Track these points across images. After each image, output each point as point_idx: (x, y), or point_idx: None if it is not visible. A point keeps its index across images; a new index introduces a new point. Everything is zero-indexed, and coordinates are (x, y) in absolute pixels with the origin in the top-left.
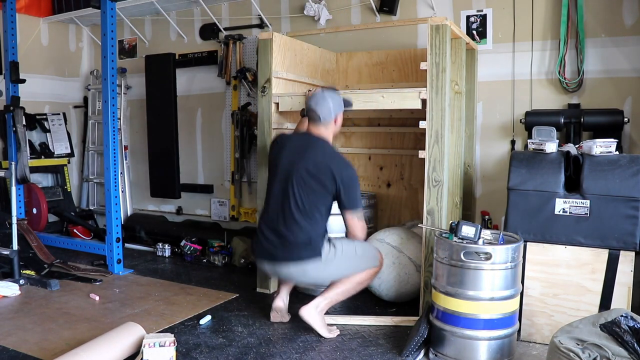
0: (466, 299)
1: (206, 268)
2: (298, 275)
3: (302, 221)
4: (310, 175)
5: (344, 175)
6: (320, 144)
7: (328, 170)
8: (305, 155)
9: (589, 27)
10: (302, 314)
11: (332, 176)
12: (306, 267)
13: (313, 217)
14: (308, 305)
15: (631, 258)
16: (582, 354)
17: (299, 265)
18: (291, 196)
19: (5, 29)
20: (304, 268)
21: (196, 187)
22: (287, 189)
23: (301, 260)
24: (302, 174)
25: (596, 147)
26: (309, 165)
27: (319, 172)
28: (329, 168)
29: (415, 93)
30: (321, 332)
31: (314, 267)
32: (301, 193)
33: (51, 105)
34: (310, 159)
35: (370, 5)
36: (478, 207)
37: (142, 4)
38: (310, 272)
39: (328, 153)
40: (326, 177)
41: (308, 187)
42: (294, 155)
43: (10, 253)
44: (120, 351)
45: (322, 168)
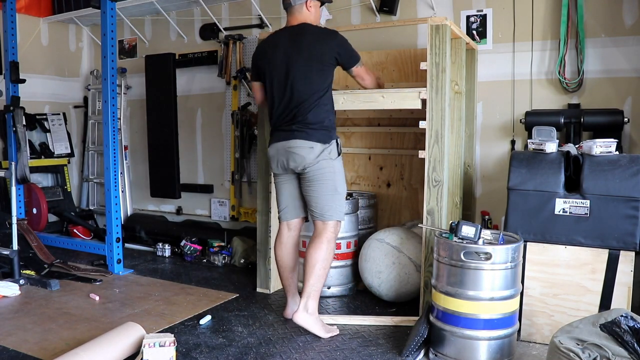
0: (466, 299)
1: (206, 268)
2: (299, 154)
3: (316, 108)
4: (310, 61)
5: (337, 41)
6: (302, 28)
7: (323, 45)
8: (299, 47)
9: (589, 27)
10: (296, 320)
11: (328, 49)
12: (312, 152)
13: (323, 102)
14: (298, 311)
15: (631, 258)
16: (582, 354)
17: (308, 145)
18: (296, 89)
19: (5, 29)
20: (309, 151)
21: (196, 187)
22: (293, 83)
23: (311, 140)
24: (301, 63)
25: (596, 147)
26: (304, 52)
27: (316, 52)
28: (323, 43)
29: (415, 93)
30: (318, 334)
31: (319, 161)
32: (306, 81)
33: (51, 105)
34: (305, 47)
35: (370, 5)
36: (478, 207)
37: (142, 4)
38: (311, 161)
39: (314, 32)
40: (324, 52)
41: (312, 72)
42: (285, 49)
43: (10, 253)
44: (120, 351)
45: (317, 47)
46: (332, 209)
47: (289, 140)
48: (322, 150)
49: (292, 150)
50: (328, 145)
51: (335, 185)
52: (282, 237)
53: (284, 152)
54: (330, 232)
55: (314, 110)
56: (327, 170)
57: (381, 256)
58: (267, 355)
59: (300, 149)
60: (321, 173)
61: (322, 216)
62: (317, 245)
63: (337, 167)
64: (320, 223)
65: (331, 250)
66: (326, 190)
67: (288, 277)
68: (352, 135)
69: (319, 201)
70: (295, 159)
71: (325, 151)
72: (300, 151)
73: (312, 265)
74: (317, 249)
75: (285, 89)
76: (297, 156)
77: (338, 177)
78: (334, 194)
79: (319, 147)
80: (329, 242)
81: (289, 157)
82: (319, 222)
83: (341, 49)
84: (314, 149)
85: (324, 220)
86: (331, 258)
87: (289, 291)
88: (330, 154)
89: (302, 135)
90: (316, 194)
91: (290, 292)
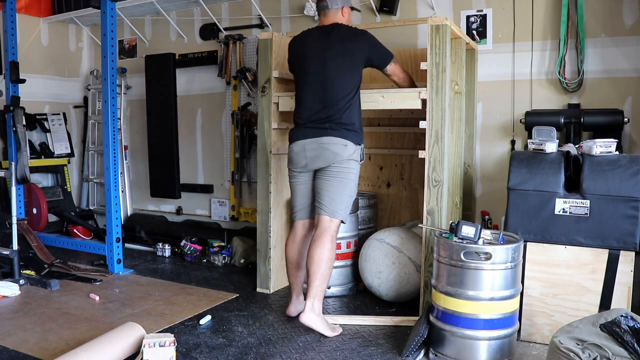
0: (466, 299)
1: (206, 268)
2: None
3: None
4: (342, 58)
5: (367, 40)
6: (336, 27)
7: (353, 43)
8: (330, 43)
9: (589, 27)
10: (303, 320)
11: (359, 47)
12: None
13: (353, 102)
14: (305, 312)
15: (631, 258)
16: (582, 354)
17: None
18: (331, 85)
19: (5, 29)
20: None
21: (196, 187)
22: (325, 80)
23: (346, 139)
24: (334, 60)
25: (596, 147)
26: (336, 49)
27: (347, 50)
28: (353, 41)
29: (415, 93)
30: (325, 333)
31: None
32: (340, 79)
33: (51, 105)
34: (336, 43)
35: (370, 5)
36: (478, 207)
37: (142, 4)
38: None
39: (345, 30)
40: (355, 51)
41: (344, 69)
42: (320, 47)
43: (10, 253)
44: (120, 351)
45: (347, 45)
46: (343, 208)
47: (322, 137)
48: (354, 150)
49: (326, 146)
50: (358, 146)
51: (352, 186)
52: (296, 236)
53: (315, 148)
54: (334, 230)
55: (348, 110)
56: (352, 170)
57: (381, 256)
58: (267, 355)
59: (334, 146)
60: (346, 171)
61: (333, 213)
62: (322, 244)
63: (358, 170)
64: (327, 219)
65: (334, 249)
66: (345, 189)
67: (296, 275)
68: None
69: (334, 197)
70: (327, 156)
71: (355, 152)
72: (334, 148)
73: (317, 264)
74: (322, 248)
75: (319, 85)
76: (330, 152)
77: (356, 181)
78: (350, 195)
79: (352, 146)
80: (332, 241)
81: (320, 153)
82: (326, 217)
83: (372, 48)
84: (347, 147)
85: (333, 217)
86: (334, 257)
87: (294, 289)
88: (359, 155)
89: (336, 133)
90: (334, 189)
91: (296, 290)
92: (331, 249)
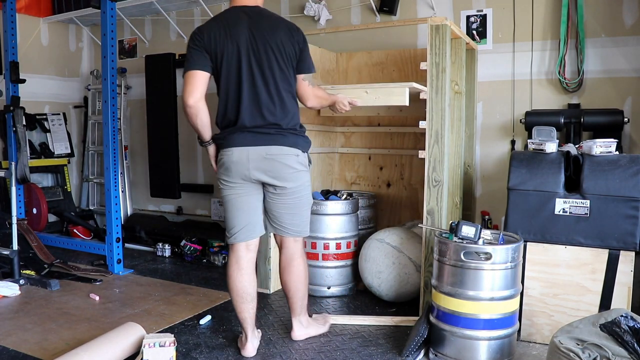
0: (466, 299)
1: (206, 268)
2: (284, 164)
3: (294, 108)
4: (279, 49)
5: (303, 37)
6: (261, 11)
7: (289, 35)
8: (260, 28)
9: (589, 27)
10: (298, 338)
11: (295, 41)
12: (297, 161)
13: (291, 99)
14: (294, 329)
15: (631, 258)
16: (582, 354)
17: (294, 152)
18: (276, 81)
19: (5, 29)
20: (295, 160)
21: (196, 187)
22: (266, 74)
23: (296, 147)
24: (270, 51)
25: (596, 147)
26: (271, 38)
27: (284, 41)
28: (288, 33)
29: (402, 88)
30: (320, 332)
31: (301, 169)
32: (281, 74)
33: (51, 105)
34: (267, 29)
35: (370, 5)
36: (478, 207)
37: (142, 4)
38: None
39: (274, 17)
40: (293, 43)
41: (284, 62)
42: (248, 32)
43: (10, 253)
44: (120, 351)
45: (281, 35)
46: (307, 224)
47: (269, 146)
48: (302, 161)
49: (276, 158)
50: (306, 153)
51: (310, 198)
52: (240, 262)
53: (260, 159)
54: (301, 247)
55: (293, 110)
56: (306, 182)
57: (381, 256)
58: (267, 356)
59: (286, 158)
60: (303, 187)
61: (298, 233)
62: (297, 267)
63: (309, 178)
64: (291, 241)
65: (307, 264)
66: (304, 205)
67: (249, 308)
68: (352, 135)
69: (296, 218)
70: (279, 170)
71: (305, 160)
72: (286, 160)
73: (297, 289)
74: (298, 272)
75: (256, 80)
76: (282, 166)
77: (310, 189)
78: (309, 207)
79: (302, 156)
80: (304, 259)
81: (269, 166)
82: (291, 239)
83: (305, 46)
84: (299, 157)
85: (298, 237)
86: (308, 271)
87: (247, 325)
88: (308, 164)
89: (286, 140)
90: (294, 210)
91: (250, 325)
92: (304, 267)
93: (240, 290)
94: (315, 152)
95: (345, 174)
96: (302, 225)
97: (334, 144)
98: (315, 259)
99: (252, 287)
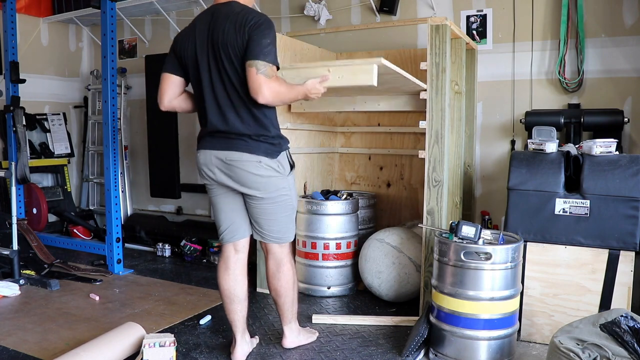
0: (466, 299)
1: (206, 268)
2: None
3: (251, 108)
4: (227, 52)
5: (251, 23)
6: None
7: (232, 31)
8: (213, 32)
9: (589, 27)
10: (288, 346)
11: (238, 35)
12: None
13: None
14: (286, 337)
15: (631, 258)
16: (582, 354)
17: (254, 159)
18: (223, 87)
19: (5, 29)
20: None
21: (196, 187)
22: (215, 81)
23: (257, 154)
24: (221, 55)
25: (596, 147)
26: (219, 40)
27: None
28: (233, 27)
29: (370, 66)
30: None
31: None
32: (228, 78)
33: (51, 105)
34: (218, 32)
35: (370, 5)
36: (478, 207)
37: (142, 4)
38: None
39: (232, 13)
40: (235, 41)
41: (229, 66)
42: (199, 38)
43: (10, 253)
44: (120, 351)
45: (228, 35)
46: (290, 229)
47: (228, 151)
48: (271, 166)
49: (236, 164)
50: (277, 159)
51: (292, 203)
52: (228, 262)
53: (221, 165)
54: (288, 252)
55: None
56: (282, 188)
57: (381, 256)
58: (267, 355)
59: (246, 164)
60: (278, 193)
61: (279, 239)
62: (284, 274)
63: (291, 182)
64: (276, 247)
65: (294, 269)
66: (283, 211)
67: (237, 311)
68: (352, 135)
69: (275, 224)
70: (242, 176)
71: (278, 166)
72: (247, 166)
73: (286, 295)
74: (285, 278)
75: (215, 84)
76: (244, 172)
77: (293, 194)
78: (291, 212)
79: (268, 161)
80: (292, 264)
81: (231, 172)
82: (275, 245)
83: (255, 32)
84: (262, 163)
85: (282, 242)
86: (296, 276)
87: (237, 328)
88: (283, 169)
89: (244, 146)
90: (272, 217)
91: (240, 328)
92: (292, 273)
93: (227, 290)
94: (316, 152)
95: (345, 174)
96: (282, 231)
97: (334, 144)
98: (315, 259)
99: (241, 289)
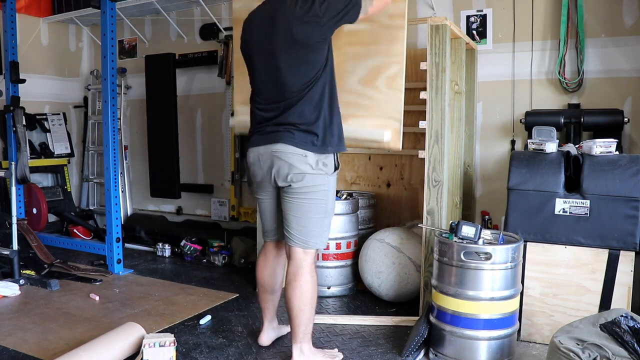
0: (466, 299)
1: (206, 268)
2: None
3: (304, 100)
4: (294, 39)
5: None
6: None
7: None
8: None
9: (589, 27)
10: None
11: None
12: (305, 162)
13: (313, 92)
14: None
15: (631, 258)
16: (582, 354)
17: (299, 152)
18: (285, 77)
19: (5, 29)
20: (301, 160)
21: (196, 187)
22: (277, 71)
23: (303, 148)
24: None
25: (596, 147)
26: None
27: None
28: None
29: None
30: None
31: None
32: (291, 73)
33: (51, 105)
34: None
35: None
36: (478, 207)
37: (142, 4)
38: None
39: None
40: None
41: (298, 55)
42: (267, 26)
43: (10, 253)
44: (120, 351)
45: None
46: (318, 235)
47: (274, 144)
48: (317, 160)
49: (279, 155)
50: (324, 155)
51: (326, 207)
52: (268, 256)
53: (267, 158)
54: (310, 262)
55: (306, 105)
56: (320, 187)
57: (381, 256)
58: (268, 356)
59: (289, 156)
60: (314, 190)
61: (305, 243)
62: (300, 284)
63: (332, 184)
64: (300, 251)
65: (315, 284)
66: (316, 212)
67: (268, 299)
68: None
69: (304, 223)
70: (283, 168)
71: (322, 164)
72: (289, 158)
73: (299, 309)
74: (301, 289)
75: (268, 79)
76: (285, 164)
77: (331, 198)
78: (324, 217)
79: (312, 157)
80: (312, 275)
81: (274, 164)
82: (299, 249)
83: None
84: (308, 158)
85: (306, 247)
86: (316, 292)
87: (266, 314)
88: (327, 167)
89: (290, 139)
90: (301, 214)
91: (268, 315)
92: (312, 286)
93: (262, 280)
94: None
95: (345, 174)
96: (310, 234)
97: None
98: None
99: (274, 281)
